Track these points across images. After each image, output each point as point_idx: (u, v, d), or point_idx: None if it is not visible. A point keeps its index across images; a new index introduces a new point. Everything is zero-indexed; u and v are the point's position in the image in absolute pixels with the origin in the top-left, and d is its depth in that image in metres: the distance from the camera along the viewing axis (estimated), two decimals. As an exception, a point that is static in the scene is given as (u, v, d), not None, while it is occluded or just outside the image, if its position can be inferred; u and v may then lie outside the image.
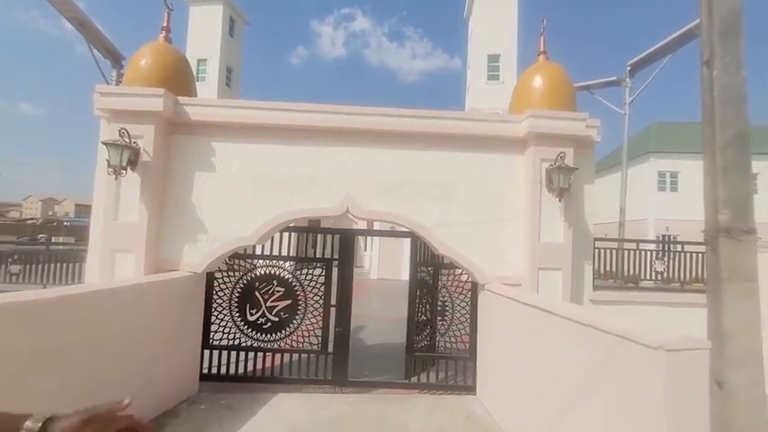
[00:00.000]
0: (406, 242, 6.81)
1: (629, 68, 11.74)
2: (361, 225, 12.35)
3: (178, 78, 4.91)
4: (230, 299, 5.33)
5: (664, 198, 23.33)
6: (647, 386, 2.18)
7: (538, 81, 5.04)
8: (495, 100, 21.08)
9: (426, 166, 4.97)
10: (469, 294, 5.42)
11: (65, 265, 8.99)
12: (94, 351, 3.30)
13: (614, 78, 12.19)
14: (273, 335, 5.33)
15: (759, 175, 22.24)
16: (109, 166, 4.33)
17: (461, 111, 15.73)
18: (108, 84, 10.05)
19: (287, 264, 5.47)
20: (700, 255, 6.28)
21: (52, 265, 8.96)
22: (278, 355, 5.35)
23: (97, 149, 4.69)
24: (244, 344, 5.30)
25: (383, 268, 20.52)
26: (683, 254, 6.46)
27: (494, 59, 23.77)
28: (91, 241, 4.74)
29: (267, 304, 5.33)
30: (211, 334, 5.24)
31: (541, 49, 5.29)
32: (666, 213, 22.38)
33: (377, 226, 15.09)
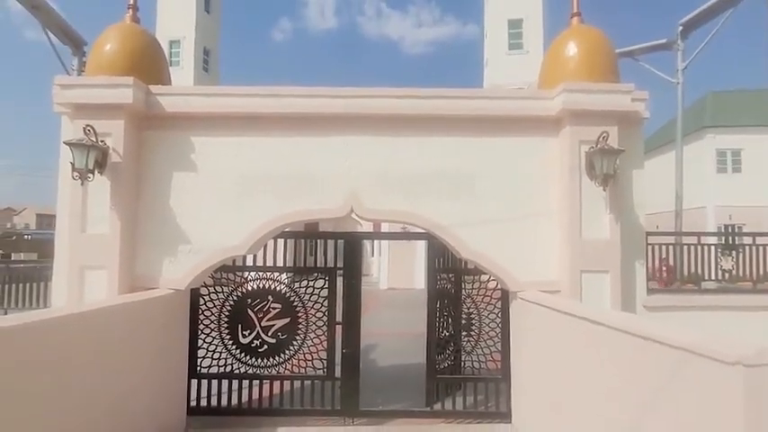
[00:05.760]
0: (420, 245, 6.74)
1: (680, 28, 11.44)
2: (367, 227, 12.42)
3: (149, 64, 4.91)
4: (219, 319, 5.34)
5: (725, 181, 22.90)
6: (722, 408, 2.12)
7: (572, 48, 4.95)
8: (519, 74, 20.66)
9: (441, 155, 4.93)
10: (499, 304, 5.37)
11: (28, 285, 9.07)
12: (60, 388, 3.25)
13: (664, 41, 11.92)
14: (271, 359, 5.33)
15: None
16: (73, 169, 4.33)
17: (480, 88, 15.57)
18: (69, 74, 10.14)
19: (283, 275, 5.49)
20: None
21: (13, 287, 9.05)
22: (277, 383, 5.33)
23: (60, 151, 4.70)
24: (237, 371, 5.30)
25: (394, 276, 20.48)
26: (754, 247, 6.31)
27: (515, 25, 23.51)
28: (56, 257, 4.75)
29: (262, 324, 5.33)
30: (199, 361, 5.25)
31: (575, 10, 5.19)
32: (728, 199, 21.96)
33: (385, 227, 15.04)
